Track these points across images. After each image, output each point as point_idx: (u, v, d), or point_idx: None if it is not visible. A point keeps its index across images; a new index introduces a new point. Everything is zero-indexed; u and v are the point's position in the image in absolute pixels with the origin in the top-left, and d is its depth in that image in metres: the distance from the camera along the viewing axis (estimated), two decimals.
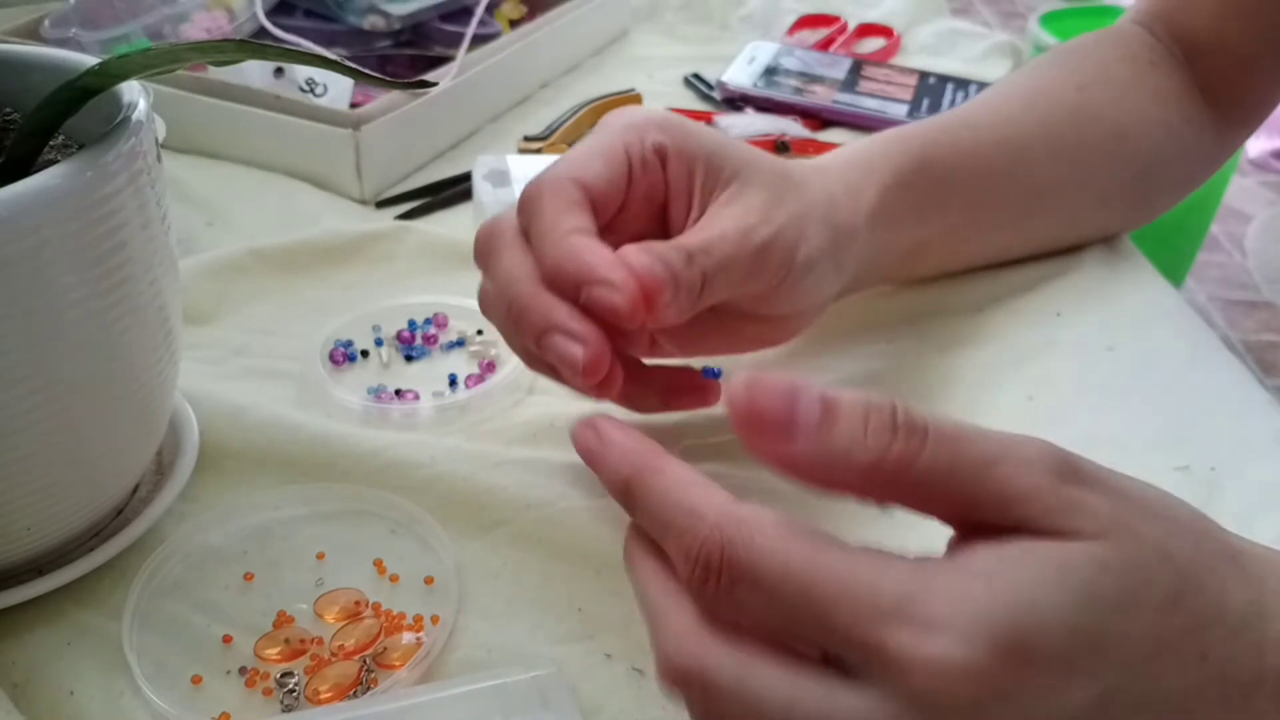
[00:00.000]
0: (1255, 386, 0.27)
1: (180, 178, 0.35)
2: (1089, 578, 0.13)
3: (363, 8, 0.39)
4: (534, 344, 0.19)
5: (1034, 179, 0.28)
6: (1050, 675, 0.13)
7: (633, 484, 0.15)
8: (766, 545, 0.13)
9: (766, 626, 0.14)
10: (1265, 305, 1.12)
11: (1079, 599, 0.13)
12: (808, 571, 0.13)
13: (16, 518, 0.19)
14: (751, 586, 0.13)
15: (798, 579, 0.13)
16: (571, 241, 0.19)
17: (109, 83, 0.19)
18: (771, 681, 0.13)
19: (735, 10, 0.52)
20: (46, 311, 0.17)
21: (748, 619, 0.14)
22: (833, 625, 0.13)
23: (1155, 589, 0.13)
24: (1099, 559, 0.13)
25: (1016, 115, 0.29)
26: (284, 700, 0.19)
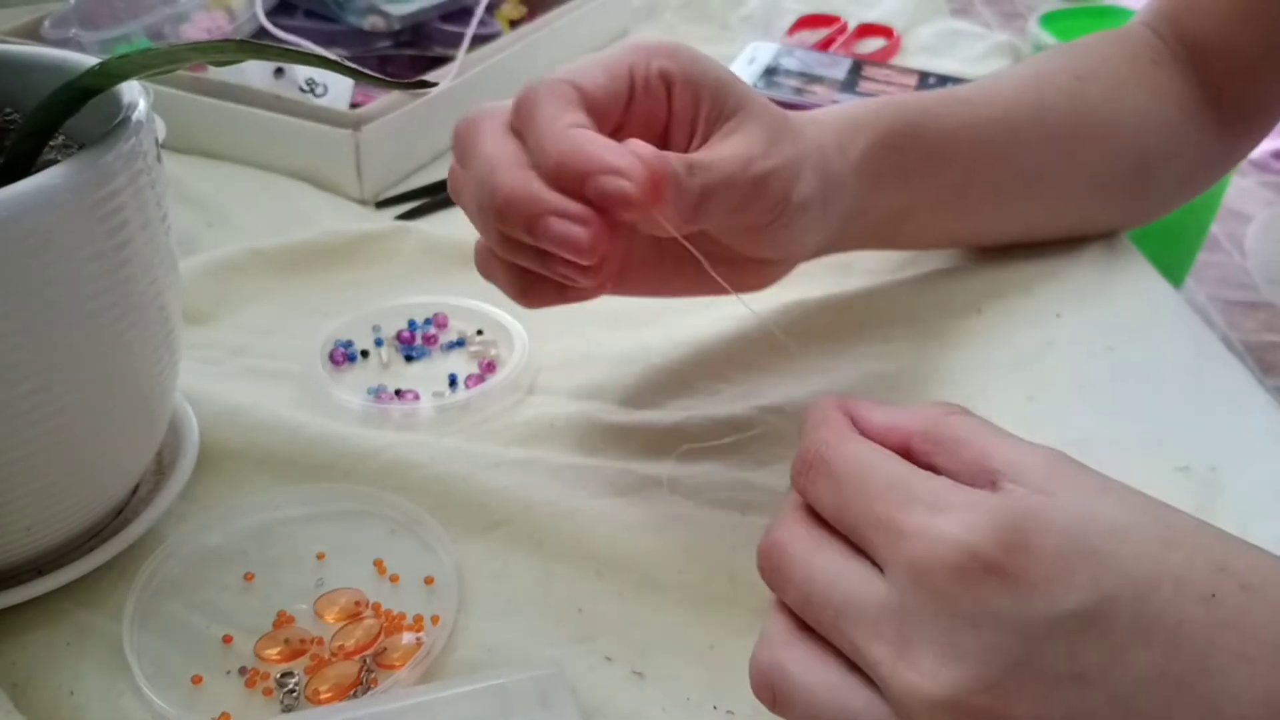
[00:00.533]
0: (1255, 387, 0.27)
1: (180, 178, 0.35)
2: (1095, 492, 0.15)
3: (363, 8, 0.39)
4: (524, 230, 0.18)
5: (1025, 161, 0.29)
6: (1045, 567, 0.14)
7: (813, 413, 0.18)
8: (850, 448, 0.16)
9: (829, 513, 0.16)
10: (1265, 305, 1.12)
11: (1079, 508, 0.14)
12: (870, 471, 0.16)
13: (17, 517, 0.19)
14: (827, 477, 0.16)
15: (860, 474, 0.16)
16: (574, 134, 0.18)
17: (109, 83, 0.19)
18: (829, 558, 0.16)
19: (735, 10, 0.52)
20: (47, 311, 0.17)
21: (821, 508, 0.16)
22: (873, 510, 0.15)
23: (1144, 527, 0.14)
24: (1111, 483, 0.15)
25: (1012, 97, 0.29)
26: (284, 700, 0.19)
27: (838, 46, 0.48)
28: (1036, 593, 0.13)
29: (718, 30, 0.51)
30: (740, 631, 0.20)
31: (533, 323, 0.28)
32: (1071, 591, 0.13)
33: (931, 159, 0.27)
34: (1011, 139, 0.28)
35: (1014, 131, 0.28)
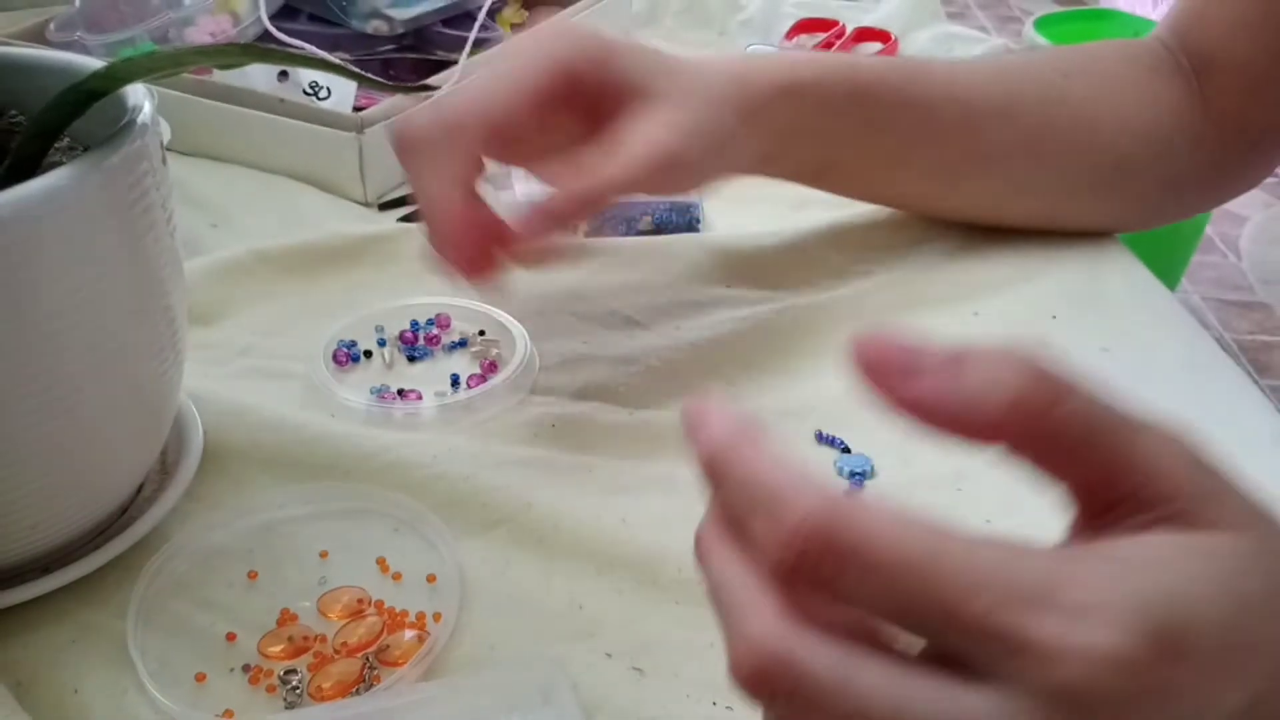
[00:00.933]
0: (1250, 387, 0.27)
1: (185, 180, 0.35)
2: (1240, 569, 0.12)
3: (366, 12, 0.39)
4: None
5: (981, 143, 0.29)
6: (1204, 673, 0.11)
7: (720, 456, 0.13)
8: (883, 527, 0.12)
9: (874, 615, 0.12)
10: (1260, 306, 1.13)
11: (1231, 593, 0.12)
12: (932, 556, 0.11)
13: (22, 516, 0.19)
14: (864, 571, 0.12)
15: (919, 563, 0.11)
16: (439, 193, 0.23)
17: (114, 86, 0.19)
18: (878, 679, 0.12)
19: (734, 14, 0.52)
20: (52, 312, 0.17)
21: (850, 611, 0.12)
22: (961, 614, 0.11)
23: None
24: (1246, 553, 0.12)
25: (979, 81, 0.29)
26: (287, 698, 0.19)
27: (836, 50, 0.48)
28: (1199, 696, 0.11)
29: (716, 35, 0.51)
30: None
31: (533, 323, 0.29)
32: (1232, 687, 0.12)
33: (870, 125, 0.28)
34: (966, 120, 0.29)
35: (972, 114, 0.29)
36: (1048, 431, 0.12)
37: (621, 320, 0.29)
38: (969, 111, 0.29)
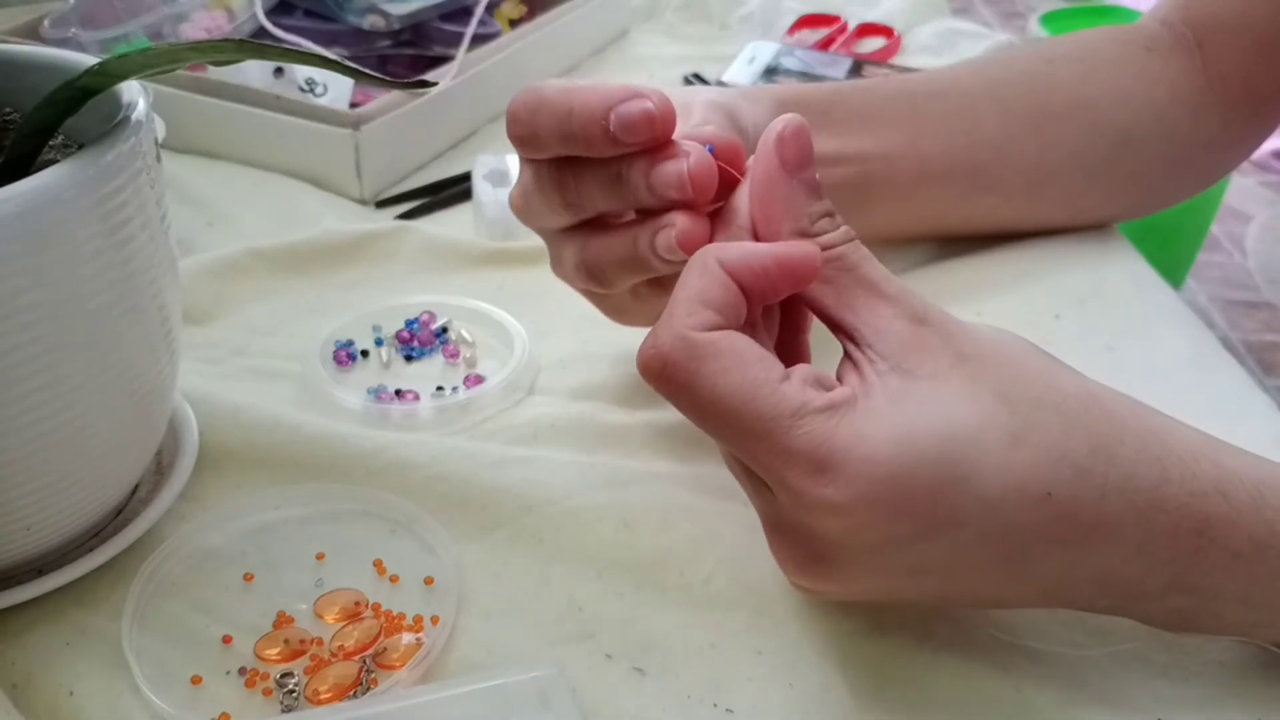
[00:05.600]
0: (1255, 388, 0.27)
1: (180, 178, 0.35)
2: (944, 420, 0.16)
3: (362, 7, 0.39)
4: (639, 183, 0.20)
5: (979, 132, 0.29)
6: (915, 509, 0.15)
7: (694, 259, 0.17)
8: (708, 376, 0.16)
9: (696, 423, 0.16)
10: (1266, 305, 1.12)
11: (937, 440, 0.15)
12: (739, 408, 0.16)
13: (16, 517, 0.19)
14: (685, 404, 0.16)
15: (728, 412, 0.16)
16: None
17: (109, 83, 0.18)
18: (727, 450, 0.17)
19: (735, 10, 0.52)
20: (45, 311, 0.17)
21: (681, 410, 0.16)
22: (749, 452, 0.16)
23: (995, 427, 0.16)
24: (948, 402, 0.16)
25: (963, 76, 0.29)
26: (284, 700, 0.19)
27: (838, 46, 0.48)
28: (904, 536, 0.16)
29: (718, 30, 0.51)
30: (741, 631, 0.20)
31: (533, 323, 0.28)
32: (938, 531, 0.16)
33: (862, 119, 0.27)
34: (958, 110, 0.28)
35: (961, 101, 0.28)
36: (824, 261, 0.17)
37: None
38: (958, 101, 0.29)
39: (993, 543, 0.16)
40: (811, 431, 0.15)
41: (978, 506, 0.15)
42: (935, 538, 0.16)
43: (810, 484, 0.15)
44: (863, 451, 0.15)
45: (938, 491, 0.15)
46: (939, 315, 0.17)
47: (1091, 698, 0.19)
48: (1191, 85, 0.30)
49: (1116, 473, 0.16)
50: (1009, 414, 0.16)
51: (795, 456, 0.15)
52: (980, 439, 0.15)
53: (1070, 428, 0.16)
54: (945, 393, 0.16)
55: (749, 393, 0.16)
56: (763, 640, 0.20)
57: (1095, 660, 0.19)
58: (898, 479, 0.15)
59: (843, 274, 0.17)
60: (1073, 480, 0.16)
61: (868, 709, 0.18)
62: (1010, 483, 0.16)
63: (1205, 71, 0.30)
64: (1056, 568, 0.16)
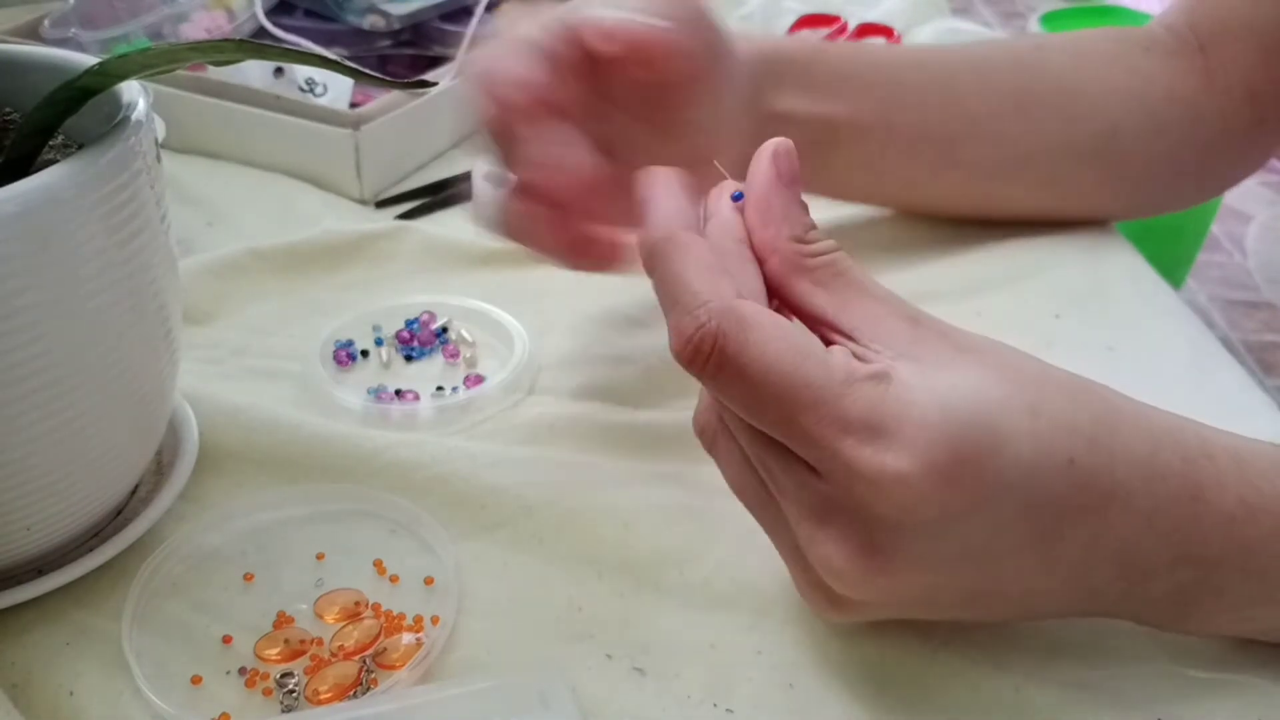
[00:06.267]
0: (1255, 388, 0.27)
1: (180, 178, 0.35)
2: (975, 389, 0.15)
3: (362, 7, 0.39)
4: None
5: (962, 105, 0.29)
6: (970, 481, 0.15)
7: (656, 248, 0.17)
8: (758, 342, 0.15)
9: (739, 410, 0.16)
10: (1266, 305, 1.12)
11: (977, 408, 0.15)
12: (791, 375, 0.15)
13: (16, 518, 0.19)
14: (736, 378, 0.15)
15: (779, 380, 0.15)
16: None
17: (108, 83, 0.18)
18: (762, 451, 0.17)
19: (735, 10, 0.52)
20: (45, 311, 0.17)
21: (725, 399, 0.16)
22: (800, 423, 0.15)
23: (1016, 398, 0.16)
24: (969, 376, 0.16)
25: (950, 54, 0.29)
26: (284, 701, 0.19)
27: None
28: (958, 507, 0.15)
29: None
30: (741, 631, 0.20)
31: (533, 323, 0.28)
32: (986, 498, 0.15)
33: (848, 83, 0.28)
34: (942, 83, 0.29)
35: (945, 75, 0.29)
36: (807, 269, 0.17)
37: (621, 319, 0.29)
38: (940, 75, 0.29)
39: (1030, 515, 0.16)
40: (863, 398, 0.15)
41: (1018, 473, 0.15)
42: (983, 510, 0.15)
43: (868, 452, 0.15)
44: (915, 416, 0.15)
45: (985, 457, 0.15)
46: (929, 318, 0.17)
47: (1090, 698, 0.19)
48: (1190, 88, 0.29)
49: (1118, 442, 0.16)
50: (1021, 388, 0.16)
51: (850, 424, 0.15)
52: (1006, 408, 0.16)
53: (1073, 403, 0.17)
54: (960, 371, 0.16)
55: (799, 360, 0.15)
56: (763, 640, 0.20)
57: (1094, 660, 0.19)
58: (950, 443, 0.15)
59: (835, 278, 0.17)
60: (1087, 449, 0.16)
61: (868, 709, 0.18)
62: (1040, 449, 0.16)
63: (1209, 77, 0.29)
64: (1082, 542, 0.16)
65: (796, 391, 0.15)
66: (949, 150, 0.29)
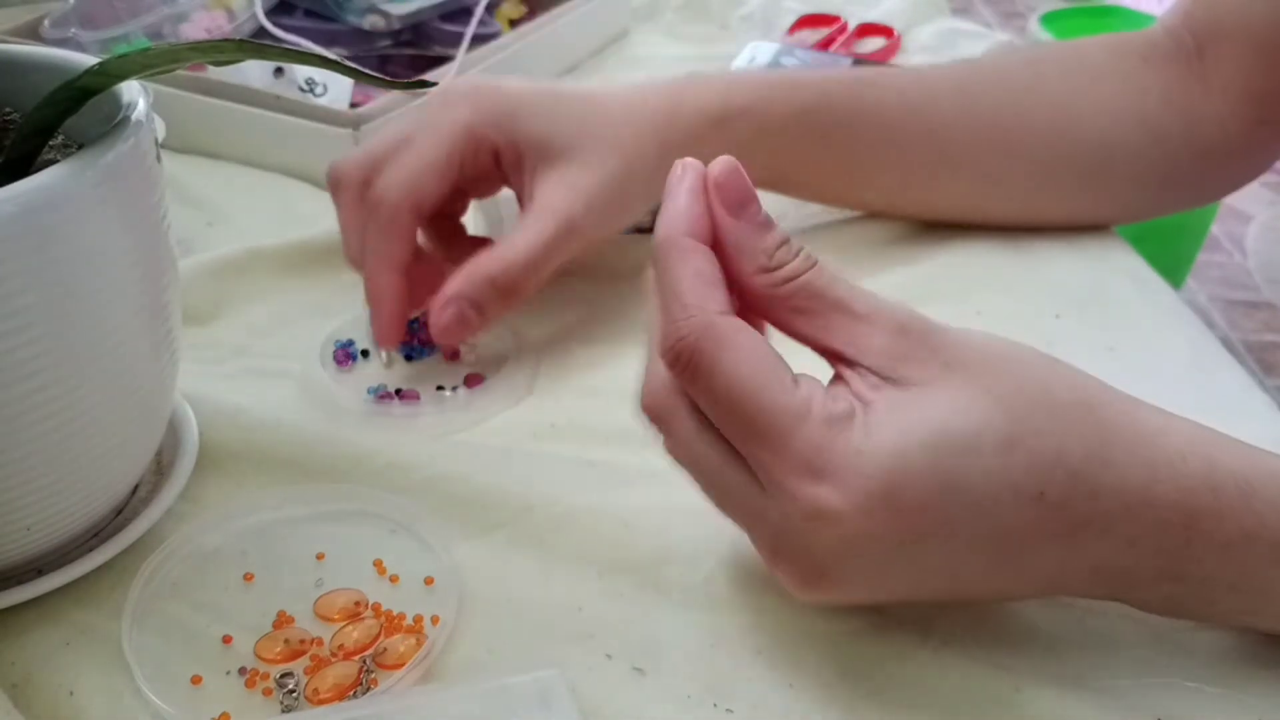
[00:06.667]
0: (1255, 388, 0.27)
1: (180, 178, 0.35)
2: (938, 426, 0.16)
3: (363, 7, 0.39)
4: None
5: (941, 145, 0.29)
6: (911, 517, 0.16)
7: (660, 250, 0.17)
8: (729, 364, 0.16)
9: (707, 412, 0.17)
10: (1266, 305, 1.12)
11: (931, 449, 0.16)
12: (753, 400, 0.16)
13: (16, 517, 0.19)
14: (706, 391, 0.17)
15: (742, 403, 0.16)
16: (384, 281, 0.26)
17: (109, 83, 0.18)
18: (713, 451, 0.17)
19: (735, 10, 0.52)
20: (45, 311, 0.17)
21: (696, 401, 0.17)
22: (755, 447, 0.16)
23: (990, 432, 0.16)
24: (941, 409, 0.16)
25: (937, 85, 0.30)
26: (284, 700, 0.19)
27: (838, 46, 0.48)
28: (897, 540, 0.16)
29: (718, 30, 0.51)
30: (741, 630, 0.20)
31: (533, 322, 0.28)
32: (930, 532, 0.16)
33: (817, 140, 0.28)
34: (923, 126, 0.29)
35: (930, 119, 0.29)
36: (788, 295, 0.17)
37: (622, 319, 0.29)
38: (924, 114, 0.29)
39: (987, 546, 0.16)
40: (811, 437, 0.16)
41: (968, 514, 0.16)
42: (929, 545, 0.16)
43: (807, 487, 0.16)
44: (858, 464, 0.16)
45: (928, 503, 0.16)
46: (921, 324, 0.17)
47: (1090, 697, 0.19)
48: (1186, 93, 0.29)
49: (1109, 475, 0.16)
50: (1004, 417, 0.16)
51: (796, 459, 0.16)
52: (973, 444, 0.16)
53: (1065, 433, 0.16)
54: (939, 399, 0.16)
55: (761, 387, 0.16)
56: (762, 640, 0.20)
57: (1094, 660, 0.19)
58: (889, 492, 0.15)
59: (813, 300, 0.17)
60: (1066, 481, 0.16)
61: (868, 709, 0.18)
62: (1004, 485, 0.16)
63: (1206, 79, 0.29)
64: (1053, 562, 0.17)
65: (754, 417, 0.16)
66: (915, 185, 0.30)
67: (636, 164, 0.26)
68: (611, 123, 0.26)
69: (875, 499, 0.15)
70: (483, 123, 0.26)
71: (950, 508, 0.16)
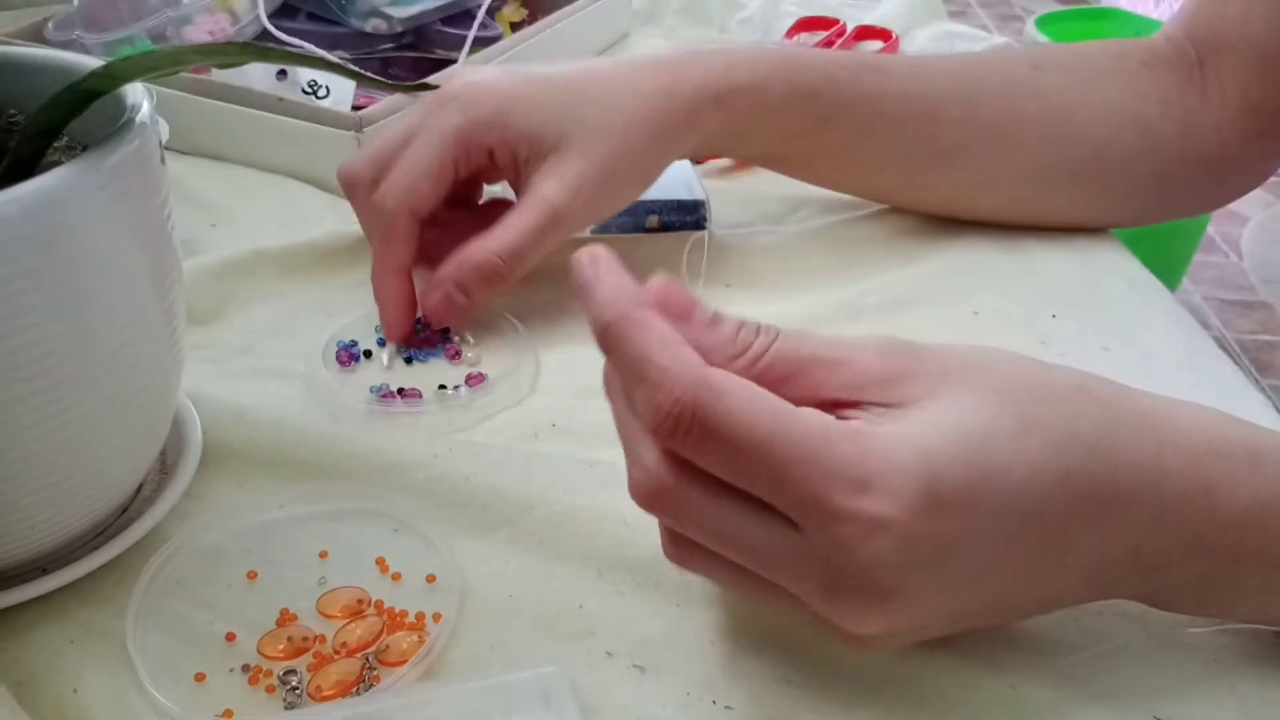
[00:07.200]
0: (1250, 387, 0.27)
1: (184, 179, 0.35)
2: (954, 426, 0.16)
3: (365, 11, 0.39)
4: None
5: (939, 137, 0.29)
6: (954, 512, 0.15)
7: (612, 329, 0.16)
8: (736, 409, 0.15)
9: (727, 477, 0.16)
10: (1261, 305, 1.13)
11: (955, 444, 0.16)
12: (772, 436, 0.15)
13: (21, 517, 0.19)
14: (719, 444, 0.15)
15: (763, 442, 0.15)
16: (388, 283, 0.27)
17: (113, 85, 0.19)
18: (733, 512, 0.16)
19: (734, 13, 0.52)
20: (50, 312, 0.17)
21: (708, 468, 0.16)
22: (787, 482, 0.15)
23: (1002, 422, 0.16)
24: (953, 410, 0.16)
25: (940, 74, 0.29)
26: (287, 698, 0.19)
27: (837, 49, 0.48)
28: (952, 537, 0.16)
29: (717, 33, 0.51)
30: (740, 628, 0.20)
31: (534, 322, 0.28)
32: (979, 524, 0.16)
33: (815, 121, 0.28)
34: (924, 116, 0.29)
35: (928, 108, 0.29)
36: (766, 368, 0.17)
37: None
38: (926, 104, 0.29)
39: (1032, 530, 0.16)
40: (845, 452, 0.15)
41: (1008, 496, 0.16)
42: (979, 536, 0.16)
43: (854, 501, 0.15)
44: (895, 464, 0.15)
45: (969, 488, 0.15)
46: (902, 345, 0.17)
47: (1087, 696, 0.19)
48: (1185, 102, 0.29)
49: (1120, 447, 0.17)
50: (1012, 408, 0.16)
51: (835, 478, 0.15)
52: (991, 435, 0.16)
53: (1072, 415, 0.17)
54: (947, 403, 0.16)
55: (778, 419, 0.15)
56: (762, 638, 0.20)
57: (1091, 659, 0.19)
58: (932, 485, 0.15)
59: (791, 365, 0.17)
60: (1085, 458, 0.16)
61: (866, 707, 0.19)
62: (1029, 468, 0.16)
63: (1206, 90, 0.29)
64: (1093, 547, 0.17)
65: (780, 451, 0.15)
66: (909, 174, 0.30)
67: (627, 150, 0.26)
68: (602, 109, 0.26)
69: (920, 496, 0.15)
70: (474, 125, 0.26)
71: (985, 497, 0.15)
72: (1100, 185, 0.30)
